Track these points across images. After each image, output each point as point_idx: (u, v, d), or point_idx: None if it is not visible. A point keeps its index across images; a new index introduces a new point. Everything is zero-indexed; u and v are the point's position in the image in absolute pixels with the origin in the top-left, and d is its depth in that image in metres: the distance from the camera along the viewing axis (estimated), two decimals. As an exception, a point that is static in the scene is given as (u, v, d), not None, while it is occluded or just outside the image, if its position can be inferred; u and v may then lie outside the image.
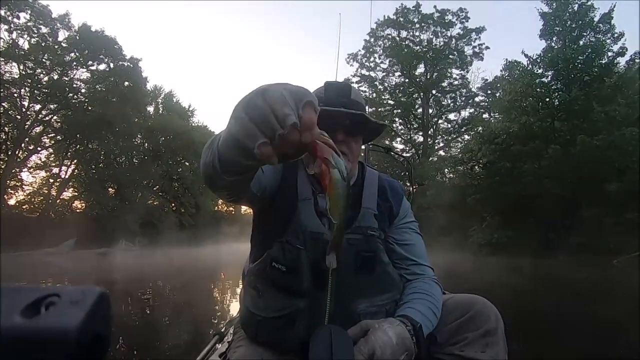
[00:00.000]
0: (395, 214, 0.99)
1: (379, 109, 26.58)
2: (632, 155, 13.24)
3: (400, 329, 0.77)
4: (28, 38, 21.75)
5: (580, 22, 17.09)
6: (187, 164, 32.46)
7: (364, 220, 0.92)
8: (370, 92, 27.46)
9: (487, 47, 26.19)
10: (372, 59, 27.72)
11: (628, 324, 4.25)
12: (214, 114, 55.64)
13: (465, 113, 27.44)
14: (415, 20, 26.60)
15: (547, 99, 17.95)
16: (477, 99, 27.02)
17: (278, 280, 0.88)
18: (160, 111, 33.29)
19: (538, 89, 17.79)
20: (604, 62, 16.41)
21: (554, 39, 17.87)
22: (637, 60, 16.65)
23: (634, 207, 12.56)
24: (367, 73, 27.75)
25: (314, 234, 0.87)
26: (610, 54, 16.59)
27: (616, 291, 7.35)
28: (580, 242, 13.35)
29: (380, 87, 27.92)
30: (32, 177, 23.74)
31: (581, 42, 17.06)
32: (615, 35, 16.73)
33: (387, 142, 22.84)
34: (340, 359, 0.79)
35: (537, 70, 18.01)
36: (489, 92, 25.62)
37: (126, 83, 25.78)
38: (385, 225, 0.96)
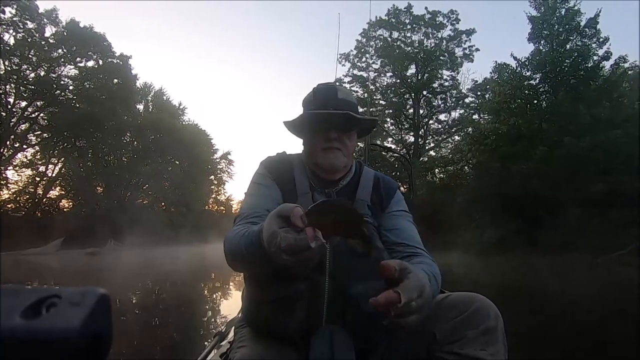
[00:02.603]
0: (386, 205, 1.04)
1: (371, 109, 26.59)
2: (617, 156, 13.59)
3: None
4: (14, 33, 21.32)
5: (567, 26, 17.45)
6: (177, 162, 32.11)
7: (357, 208, 0.96)
8: (362, 92, 27.54)
9: (477, 49, 26.44)
10: (364, 59, 27.79)
11: (619, 323, 4.34)
12: (204, 113, 54.90)
13: (455, 114, 27.64)
14: (407, 21, 26.75)
15: (535, 101, 18.31)
16: (467, 100, 27.23)
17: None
18: (150, 109, 32.81)
19: (526, 91, 18.13)
20: (589, 65, 16.78)
21: (542, 42, 18.19)
22: (621, 64, 17.06)
23: (618, 207, 12.89)
24: (359, 73, 27.82)
25: None
26: (595, 57, 16.99)
27: (603, 289, 7.53)
28: (566, 241, 13.61)
29: (372, 87, 27.99)
30: (18, 175, 23.26)
31: (568, 46, 17.43)
32: (601, 39, 17.13)
33: (378, 142, 22.94)
34: (341, 359, 0.81)
35: (526, 73, 18.33)
36: (479, 93, 25.85)
37: (115, 80, 25.38)
38: (377, 216, 1.01)
